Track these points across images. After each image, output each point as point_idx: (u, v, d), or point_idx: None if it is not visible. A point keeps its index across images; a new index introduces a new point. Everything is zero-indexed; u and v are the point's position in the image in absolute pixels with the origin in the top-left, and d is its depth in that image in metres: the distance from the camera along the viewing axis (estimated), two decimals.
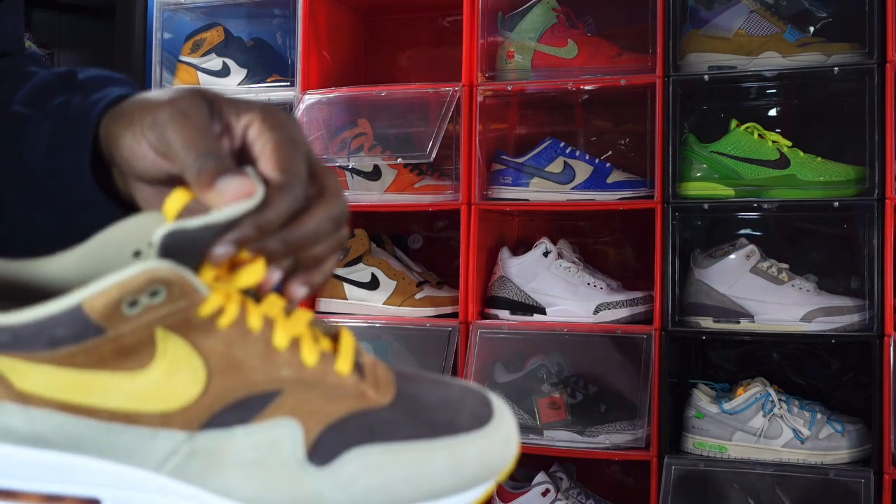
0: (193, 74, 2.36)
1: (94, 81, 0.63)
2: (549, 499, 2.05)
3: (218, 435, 0.47)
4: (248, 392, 0.47)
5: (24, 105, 0.64)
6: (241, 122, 0.54)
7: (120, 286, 0.44)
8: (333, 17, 2.38)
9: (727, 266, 2.00)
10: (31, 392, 0.44)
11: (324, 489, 0.48)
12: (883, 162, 1.84)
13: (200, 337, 0.47)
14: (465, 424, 0.51)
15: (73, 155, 0.59)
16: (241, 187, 0.49)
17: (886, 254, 1.83)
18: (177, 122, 0.52)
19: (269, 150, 0.52)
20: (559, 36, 2.13)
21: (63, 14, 2.68)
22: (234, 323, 0.47)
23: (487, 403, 0.53)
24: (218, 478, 0.47)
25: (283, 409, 0.48)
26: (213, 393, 0.47)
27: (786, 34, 1.99)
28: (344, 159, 2.18)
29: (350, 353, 0.51)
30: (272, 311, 0.50)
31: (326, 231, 0.53)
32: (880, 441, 1.81)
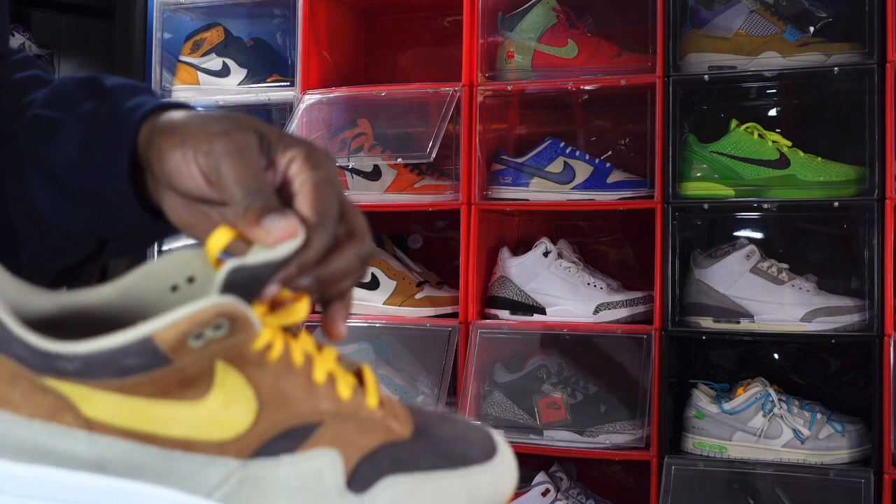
0: (193, 74, 2.36)
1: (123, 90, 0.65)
2: (549, 499, 2.05)
3: (266, 463, 0.50)
4: (294, 423, 0.51)
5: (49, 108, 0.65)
6: (285, 157, 0.56)
7: (190, 319, 0.46)
8: (333, 17, 2.38)
9: (727, 266, 2.00)
10: (98, 419, 0.46)
11: None
12: (883, 162, 1.84)
13: (253, 370, 0.50)
14: (477, 457, 0.56)
15: (109, 161, 0.61)
16: (287, 227, 0.52)
17: (886, 254, 1.83)
18: (232, 158, 0.55)
19: (308, 189, 0.55)
20: (559, 36, 2.14)
21: (63, 14, 2.68)
22: (281, 357, 0.51)
23: (491, 438, 0.58)
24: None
25: (324, 439, 0.51)
26: (264, 423, 0.50)
27: (786, 34, 1.99)
28: (344, 159, 2.19)
29: (375, 388, 0.55)
30: (309, 348, 0.53)
31: (354, 269, 0.56)
32: (880, 441, 1.81)
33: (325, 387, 0.52)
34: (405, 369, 2.19)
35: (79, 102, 0.64)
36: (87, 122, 0.63)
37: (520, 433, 2.05)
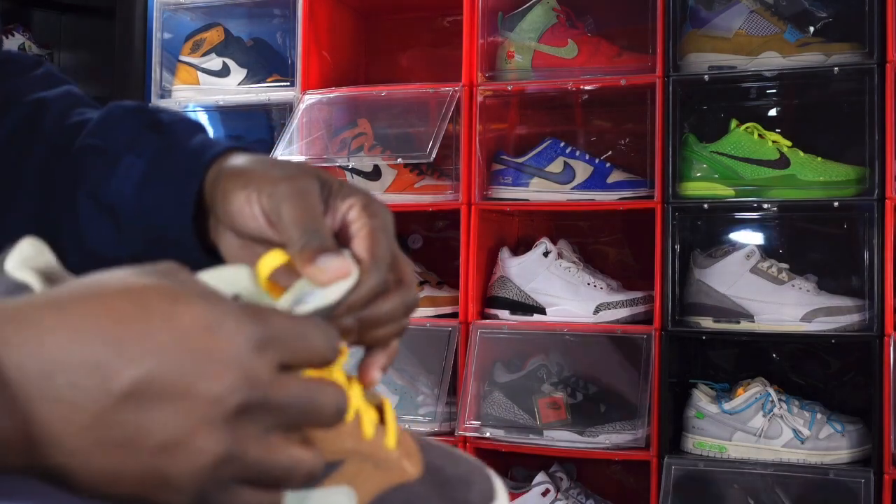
0: (193, 74, 2.36)
1: (180, 127, 0.66)
2: (549, 499, 2.05)
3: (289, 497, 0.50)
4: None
5: (102, 139, 0.66)
6: (345, 203, 0.57)
7: None
8: (333, 17, 2.38)
9: (727, 266, 2.00)
10: None
11: None
12: (883, 162, 1.84)
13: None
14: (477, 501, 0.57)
15: (173, 201, 0.62)
16: (341, 267, 0.53)
17: (886, 254, 1.83)
18: (293, 200, 0.55)
19: (364, 234, 0.56)
20: (559, 36, 2.14)
21: (63, 14, 2.68)
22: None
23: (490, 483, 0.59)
24: None
25: (342, 477, 0.53)
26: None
27: (786, 34, 1.99)
28: (344, 159, 2.19)
29: (394, 427, 0.57)
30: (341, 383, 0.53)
31: (398, 315, 0.57)
32: (880, 441, 1.81)
33: (352, 425, 0.54)
34: (405, 369, 2.19)
35: (135, 136, 0.65)
36: (148, 160, 0.64)
37: (520, 433, 2.05)
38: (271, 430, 0.45)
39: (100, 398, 0.41)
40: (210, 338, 0.43)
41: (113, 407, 0.41)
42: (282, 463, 0.45)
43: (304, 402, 0.45)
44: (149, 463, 0.42)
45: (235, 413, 0.43)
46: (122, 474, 0.42)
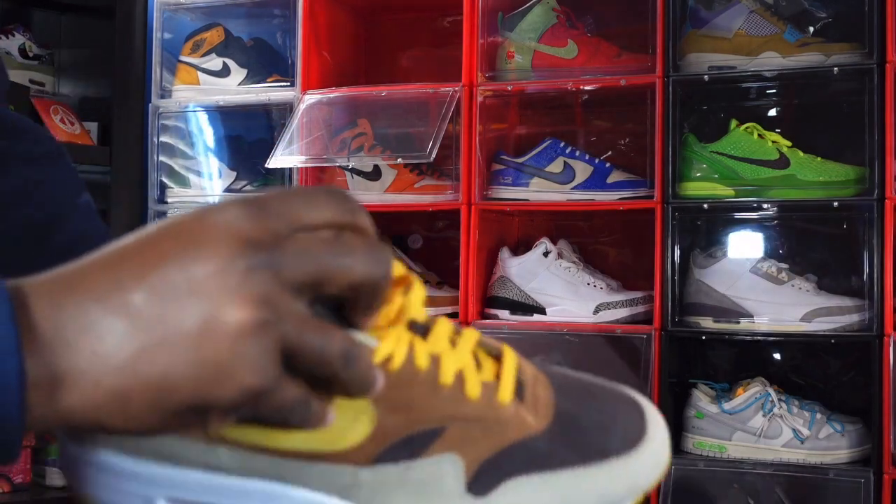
0: (193, 74, 2.36)
1: None
2: None
3: (387, 469, 0.49)
4: (414, 430, 0.49)
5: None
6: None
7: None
8: (333, 17, 2.39)
9: (727, 266, 2.00)
10: (235, 439, 0.47)
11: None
12: (883, 162, 1.84)
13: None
14: (617, 448, 0.53)
15: None
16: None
17: (886, 254, 1.84)
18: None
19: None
20: (559, 36, 2.14)
21: (63, 14, 2.68)
22: (402, 366, 0.49)
23: (642, 417, 0.55)
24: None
25: (445, 444, 0.50)
26: (382, 433, 0.49)
27: (785, 34, 2.00)
28: (344, 159, 2.19)
29: (511, 379, 0.52)
30: (439, 346, 0.51)
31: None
32: (880, 441, 1.81)
33: (451, 389, 0.50)
34: None
35: None
36: None
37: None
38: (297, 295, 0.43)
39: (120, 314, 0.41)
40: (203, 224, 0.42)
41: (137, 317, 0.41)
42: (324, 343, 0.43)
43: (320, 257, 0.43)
44: (193, 355, 0.41)
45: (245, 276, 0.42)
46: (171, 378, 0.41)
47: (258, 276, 0.42)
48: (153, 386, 0.41)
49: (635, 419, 0.54)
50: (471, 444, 0.50)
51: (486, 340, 0.54)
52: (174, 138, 2.41)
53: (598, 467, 0.52)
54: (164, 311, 0.41)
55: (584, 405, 0.54)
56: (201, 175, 2.41)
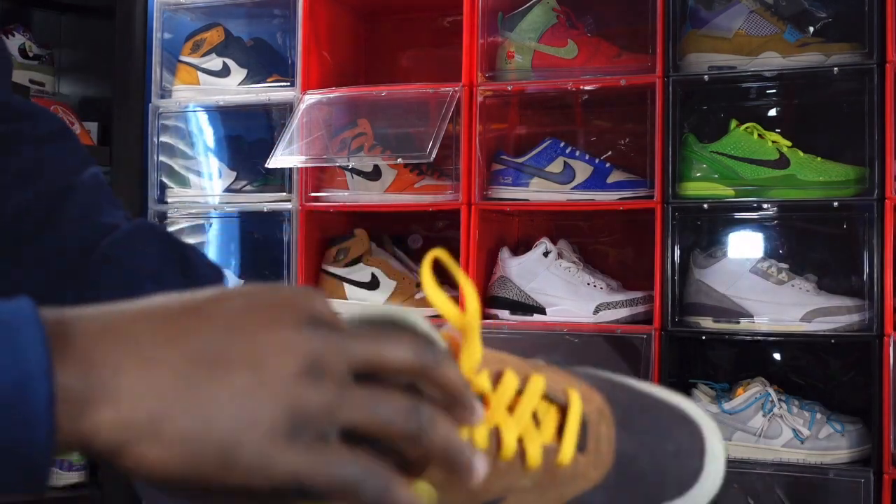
0: (193, 74, 2.36)
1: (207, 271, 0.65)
2: None
3: None
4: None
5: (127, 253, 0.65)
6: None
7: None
8: (333, 17, 2.39)
9: (727, 266, 2.00)
10: None
11: None
12: (882, 162, 1.84)
13: (434, 471, 0.47)
14: (674, 492, 0.53)
15: None
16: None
17: (886, 253, 1.84)
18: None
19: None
20: (559, 36, 2.14)
21: (63, 14, 2.68)
22: None
23: (701, 455, 0.54)
24: None
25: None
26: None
27: (785, 34, 2.00)
28: (344, 159, 2.19)
29: (574, 436, 0.51)
30: (497, 418, 0.50)
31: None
32: (880, 441, 1.81)
33: (511, 463, 0.49)
34: None
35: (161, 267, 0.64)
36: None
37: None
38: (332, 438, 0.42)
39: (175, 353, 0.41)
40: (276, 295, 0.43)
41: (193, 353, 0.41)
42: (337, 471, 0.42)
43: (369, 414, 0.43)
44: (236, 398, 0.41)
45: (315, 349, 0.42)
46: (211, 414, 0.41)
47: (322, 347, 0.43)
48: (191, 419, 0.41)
49: (694, 456, 0.54)
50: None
51: (553, 385, 0.53)
52: (174, 138, 2.41)
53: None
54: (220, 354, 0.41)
55: (644, 441, 0.53)
56: (201, 175, 2.41)
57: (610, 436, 0.53)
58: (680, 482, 0.53)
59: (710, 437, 0.55)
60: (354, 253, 2.25)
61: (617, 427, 0.53)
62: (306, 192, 2.24)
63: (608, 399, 0.55)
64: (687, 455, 0.54)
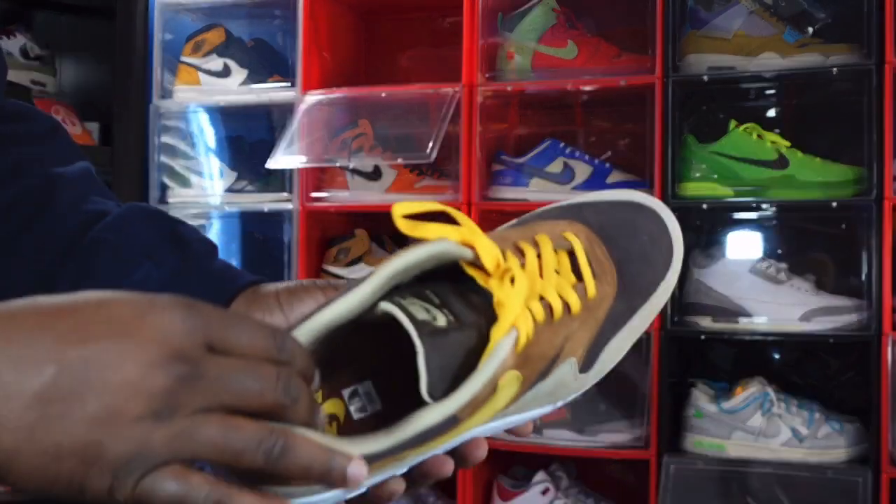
0: (194, 75, 2.36)
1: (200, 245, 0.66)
2: (548, 497, 2.06)
3: (525, 397, 0.57)
4: (544, 364, 0.57)
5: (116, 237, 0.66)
6: None
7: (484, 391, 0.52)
8: (334, 17, 2.39)
9: (726, 266, 2.00)
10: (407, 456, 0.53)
11: (588, 381, 0.61)
12: (881, 162, 1.85)
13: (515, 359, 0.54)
14: (661, 273, 0.63)
15: None
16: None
17: (884, 254, 1.84)
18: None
19: None
20: (559, 37, 2.14)
21: (64, 15, 2.69)
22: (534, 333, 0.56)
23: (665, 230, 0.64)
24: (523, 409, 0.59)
25: (564, 356, 0.58)
26: (527, 381, 0.56)
27: (785, 35, 2.00)
28: (344, 159, 2.19)
29: (589, 269, 0.60)
30: (538, 288, 0.57)
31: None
32: (878, 440, 1.82)
33: (563, 317, 0.58)
34: None
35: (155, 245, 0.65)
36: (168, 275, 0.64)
37: None
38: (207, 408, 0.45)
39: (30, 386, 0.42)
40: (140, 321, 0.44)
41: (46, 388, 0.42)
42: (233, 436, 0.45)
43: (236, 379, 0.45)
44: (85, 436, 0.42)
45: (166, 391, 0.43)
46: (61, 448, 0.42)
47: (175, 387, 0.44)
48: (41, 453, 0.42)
49: (660, 231, 0.64)
50: (579, 343, 0.59)
51: (554, 238, 0.61)
52: (175, 139, 2.42)
53: (654, 296, 0.62)
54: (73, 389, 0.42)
55: (626, 242, 0.63)
56: (202, 175, 2.41)
57: (605, 253, 0.62)
58: (664, 261, 0.63)
59: (664, 213, 0.64)
60: (355, 253, 2.25)
61: (605, 243, 0.62)
62: (307, 192, 2.25)
63: (586, 224, 0.63)
64: (657, 236, 0.63)
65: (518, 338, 0.54)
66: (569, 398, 0.62)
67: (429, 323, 0.51)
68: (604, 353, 0.61)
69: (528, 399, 0.58)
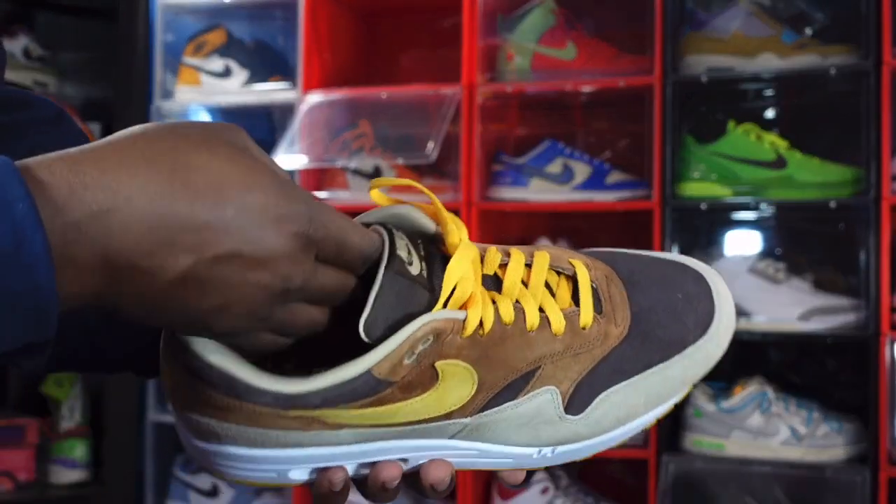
0: (195, 76, 2.37)
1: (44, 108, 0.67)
2: (548, 496, 2.07)
3: (491, 413, 0.54)
4: (513, 378, 0.54)
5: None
6: None
7: (400, 350, 0.50)
8: (334, 18, 2.40)
9: (725, 266, 2.01)
10: (340, 422, 0.51)
11: (580, 429, 0.56)
12: (879, 163, 1.86)
13: (469, 351, 0.52)
14: (693, 334, 0.57)
15: None
16: None
17: (882, 253, 1.85)
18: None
19: None
20: (558, 38, 2.15)
21: (65, 15, 2.69)
22: (492, 327, 0.53)
23: (710, 300, 0.58)
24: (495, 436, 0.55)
25: (541, 381, 0.54)
26: (485, 388, 0.53)
27: (783, 36, 2.01)
28: (345, 160, 2.20)
29: (589, 298, 0.56)
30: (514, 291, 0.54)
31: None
32: (876, 439, 1.83)
33: (539, 331, 0.54)
34: None
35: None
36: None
37: None
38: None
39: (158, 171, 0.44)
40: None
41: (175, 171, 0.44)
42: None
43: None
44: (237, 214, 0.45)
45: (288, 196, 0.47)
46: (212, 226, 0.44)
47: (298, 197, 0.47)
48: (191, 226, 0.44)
49: (703, 299, 0.58)
50: (564, 372, 0.55)
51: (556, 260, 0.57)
52: None
53: (679, 358, 0.56)
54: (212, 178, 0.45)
55: (655, 292, 0.58)
56: None
57: (622, 294, 0.57)
58: (698, 323, 0.57)
59: (712, 280, 0.59)
60: None
61: (626, 286, 0.58)
62: None
63: (611, 266, 0.59)
64: (697, 298, 0.58)
65: (467, 320, 0.51)
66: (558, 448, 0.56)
67: (403, 263, 0.51)
68: (600, 399, 0.55)
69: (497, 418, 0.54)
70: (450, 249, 0.53)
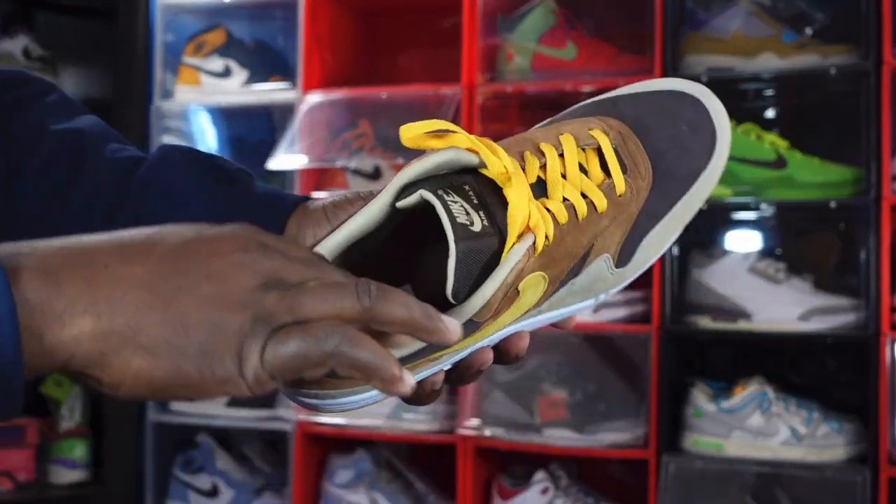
0: (195, 76, 2.37)
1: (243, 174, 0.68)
2: (548, 496, 2.07)
3: (558, 295, 0.59)
4: (573, 263, 0.59)
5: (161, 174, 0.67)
6: None
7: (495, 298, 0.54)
8: (334, 18, 2.40)
9: (725, 266, 2.01)
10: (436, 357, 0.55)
11: (626, 274, 0.62)
12: (879, 163, 1.86)
13: (539, 261, 0.56)
14: (703, 162, 0.62)
15: None
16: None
17: (882, 253, 1.85)
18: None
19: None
20: (558, 38, 2.15)
21: (65, 16, 2.69)
22: (554, 233, 0.57)
23: (708, 117, 0.62)
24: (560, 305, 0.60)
25: (595, 253, 0.59)
26: (554, 280, 0.58)
27: (783, 36, 2.01)
28: (345, 160, 2.20)
29: (616, 165, 0.60)
30: (559, 189, 0.58)
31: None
32: (877, 439, 1.83)
33: (588, 217, 0.58)
34: None
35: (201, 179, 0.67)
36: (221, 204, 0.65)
37: (519, 432, 2.06)
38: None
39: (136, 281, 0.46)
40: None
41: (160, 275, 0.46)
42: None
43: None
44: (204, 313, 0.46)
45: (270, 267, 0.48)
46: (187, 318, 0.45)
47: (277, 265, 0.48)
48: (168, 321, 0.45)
49: (700, 118, 0.62)
50: (611, 238, 0.60)
51: (578, 136, 0.61)
52: (176, 139, 2.43)
53: (696, 184, 0.62)
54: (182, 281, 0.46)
55: (663, 132, 0.62)
56: None
57: (638, 146, 0.61)
58: (704, 148, 0.62)
59: (707, 100, 0.63)
60: None
61: (639, 136, 0.62)
62: (307, 192, 2.26)
63: (620, 118, 0.63)
64: (701, 124, 0.62)
65: (535, 242, 0.55)
66: (610, 292, 0.63)
67: (466, 227, 0.53)
68: (641, 246, 0.61)
69: (563, 295, 0.59)
70: (498, 180, 0.56)
